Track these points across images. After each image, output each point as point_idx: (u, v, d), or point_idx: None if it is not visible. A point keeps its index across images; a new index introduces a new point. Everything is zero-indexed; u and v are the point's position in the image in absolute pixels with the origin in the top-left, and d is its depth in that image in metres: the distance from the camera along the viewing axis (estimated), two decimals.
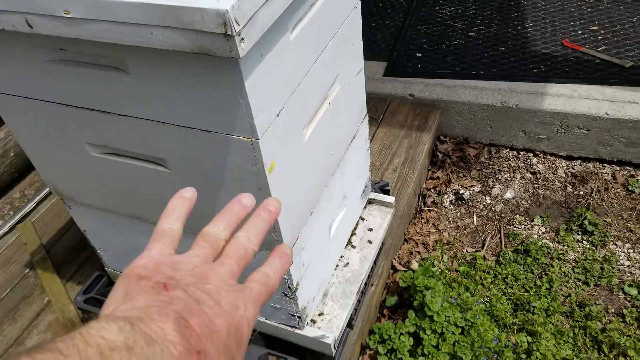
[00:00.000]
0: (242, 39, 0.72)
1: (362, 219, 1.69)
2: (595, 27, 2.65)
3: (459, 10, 2.98)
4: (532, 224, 2.16)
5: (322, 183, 1.26)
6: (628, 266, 1.97)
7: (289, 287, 1.22)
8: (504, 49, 2.62)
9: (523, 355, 1.68)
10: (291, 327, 1.36)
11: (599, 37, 2.57)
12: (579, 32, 2.64)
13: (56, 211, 2.17)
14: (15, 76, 1.03)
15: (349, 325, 1.58)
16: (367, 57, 2.73)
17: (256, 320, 0.49)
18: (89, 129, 1.07)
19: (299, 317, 1.31)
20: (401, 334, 1.69)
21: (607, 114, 2.18)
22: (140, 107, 0.95)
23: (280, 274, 0.53)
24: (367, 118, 1.49)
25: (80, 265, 1.92)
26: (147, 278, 0.44)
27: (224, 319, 0.44)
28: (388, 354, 1.68)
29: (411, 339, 1.69)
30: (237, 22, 0.70)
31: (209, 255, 0.50)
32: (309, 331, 1.37)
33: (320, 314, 1.44)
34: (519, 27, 2.75)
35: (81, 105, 1.02)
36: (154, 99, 0.92)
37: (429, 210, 2.27)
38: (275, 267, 0.53)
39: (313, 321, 1.42)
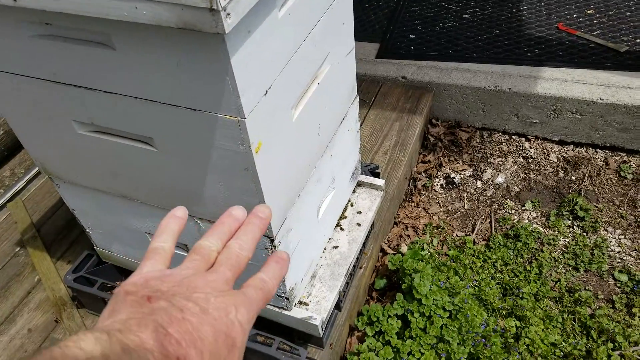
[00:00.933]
0: (228, 13, 0.71)
1: (352, 201, 1.69)
2: (590, 11, 2.64)
3: None
4: (522, 208, 2.17)
5: (310, 164, 1.26)
6: (619, 252, 1.98)
7: None
8: (498, 31, 2.60)
9: (511, 340, 1.70)
10: (279, 308, 1.37)
11: (595, 21, 2.56)
12: (574, 15, 2.62)
13: (47, 190, 2.17)
14: (1, 51, 1.02)
15: (337, 307, 1.59)
16: (360, 38, 2.73)
17: (252, 324, 0.49)
18: (76, 106, 1.06)
19: (287, 299, 1.32)
20: (389, 316, 1.70)
21: (600, 99, 2.18)
22: (126, 84, 0.94)
23: (277, 279, 0.54)
24: (357, 99, 1.48)
25: (70, 244, 1.92)
26: (133, 293, 0.46)
27: (211, 325, 0.44)
28: (376, 336, 1.70)
29: (399, 321, 1.70)
30: None
31: (201, 267, 0.51)
32: (296, 312, 1.37)
33: (309, 296, 1.45)
34: (514, 10, 2.73)
35: (67, 81, 1.01)
36: (140, 75, 0.91)
37: (419, 193, 2.28)
38: (271, 273, 0.54)
39: (301, 302, 1.43)
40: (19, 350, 1.62)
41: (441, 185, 2.31)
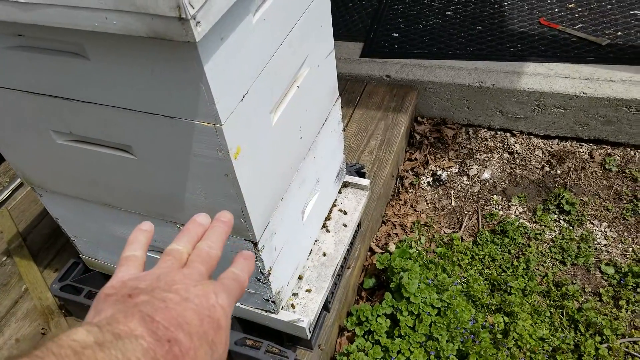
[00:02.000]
0: (198, 22, 0.71)
1: (337, 202, 1.69)
2: (572, 5, 2.65)
3: None
4: (509, 204, 2.19)
5: (292, 167, 1.26)
6: (605, 245, 1.99)
7: (261, 272, 1.22)
8: (480, 28, 2.61)
9: (499, 336, 1.71)
10: (266, 311, 1.37)
11: (576, 15, 2.58)
12: (556, 10, 2.64)
13: (32, 198, 2.15)
14: None
15: (326, 308, 1.59)
16: (343, 37, 2.73)
17: (232, 309, 0.51)
18: (53, 116, 1.05)
19: (274, 302, 1.32)
20: (378, 315, 1.71)
21: (583, 93, 2.20)
22: (102, 93, 0.94)
23: (247, 272, 0.58)
24: (339, 101, 1.48)
25: (57, 253, 1.91)
26: (114, 294, 0.48)
27: (194, 311, 0.47)
28: (365, 336, 1.70)
29: (388, 320, 1.71)
30: (191, 5, 0.68)
31: (175, 265, 0.54)
32: (284, 315, 1.37)
33: (296, 298, 1.45)
34: (496, 6, 2.75)
35: (43, 92, 1.00)
36: (115, 85, 0.91)
37: (406, 191, 2.28)
38: (240, 267, 0.58)
39: (288, 305, 1.43)
40: None
41: (428, 182, 2.32)
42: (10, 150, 1.25)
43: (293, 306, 1.43)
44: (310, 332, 1.40)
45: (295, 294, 1.46)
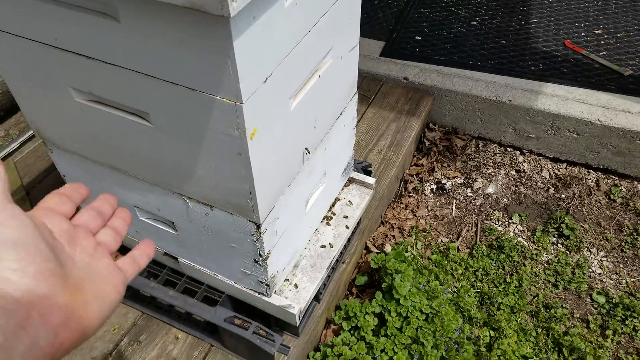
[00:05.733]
0: None
1: (341, 197, 1.69)
2: (599, 31, 2.65)
3: None
4: (509, 221, 2.19)
5: (303, 156, 1.27)
6: (599, 274, 1.99)
7: (260, 254, 1.23)
8: (504, 42, 2.61)
9: (484, 349, 1.72)
10: (259, 293, 1.38)
11: (602, 42, 2.57)
12: (582, 34, 2.63)
13: (39, 153, 2.16)
14: (5, 11, 1.01)
15: (316, 298, 1.60)
16: (365, 34, 2.72)
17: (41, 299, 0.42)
18: (75, 74, 1.06)
19: (267, 285, 1.33)
20: (367, 313, 1.72)
21: (599, 120, 2.19)
22: (127, 57, 0.94)
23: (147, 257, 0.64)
24: (356, 96, 1.48)
25: None
26: None
27: None
28: (352, 331, 1.71)
29: (376, 319, 1.72)
30: None
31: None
32: (275, 299, 1.38)
33: (289, 284, 1.46)
34: (523, 22, 2.74)
35: (69, 48, 1.01)
36: (142, 50, 0.91)
37: (409, 195, 2.29)
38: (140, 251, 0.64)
39: (281, 290, 1.44)
40: None
41: (431, 189, 2.32)
42: (26, 103, 1.26)
43: (285, 292, 1.44)
44: (299, 320, 1.41)
45: (288, 281, 1.47)
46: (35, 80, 1.15)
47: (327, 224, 1.62)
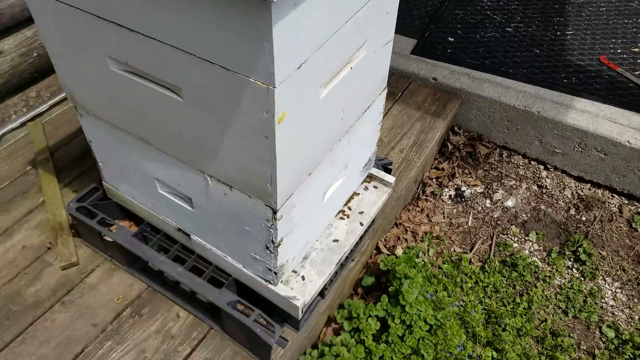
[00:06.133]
0: None
1: (358, 192, 1.70)
2: (636, 49, 2.60)
3: (501, 3, 2.93)
4: (526, 238, 2.14)
5: (327, 146, 1.27)
6: (612, 306, 1.93)
7: (272, 241, 1.24)
8: (538, 51, 2.58)
9: None
10: (265, 280, 1.39)
11: (638, 61, 2.53)
12: (619, 50, 2.59)
13: (67, 117, 2.20)
14: None
15: (321, 294, 1.60)
16: (398, 31, 2.70)
17: None
18: (114, 43, 1.08)
19: (275, 273, 1.34)
20: (370, 315, 1.69)
21: (628, 142, 2.14)
22: (167, 32, 0.96)
23: None
24: (385, 91, 1.49)
25: (79, 174, 1.96)
26: None
27: None
28: (352, 332, 1.68)
29: (378, 323, 1.69)
30: None
31: None
32: (281, 289, 1.39)
33: (296, 275, 1.46)
34: (558, 33, 2.70)
35: (110, 19, 1.03)
36: (183, 27, 0.92)
37: (426, 199, 2.28)
38: None
39: (288, 281, 1.45)
40: (10, 264, 1.67)
41: (450, 196, 2.31)
42: (63, 66, 1.28)
43: (291, 283, 1.44)
44: (302, 313, 1.42)
45: (296, 272, 1.47)
46: (75, 46, 1.17)
47: (342, 218, 1.63)
